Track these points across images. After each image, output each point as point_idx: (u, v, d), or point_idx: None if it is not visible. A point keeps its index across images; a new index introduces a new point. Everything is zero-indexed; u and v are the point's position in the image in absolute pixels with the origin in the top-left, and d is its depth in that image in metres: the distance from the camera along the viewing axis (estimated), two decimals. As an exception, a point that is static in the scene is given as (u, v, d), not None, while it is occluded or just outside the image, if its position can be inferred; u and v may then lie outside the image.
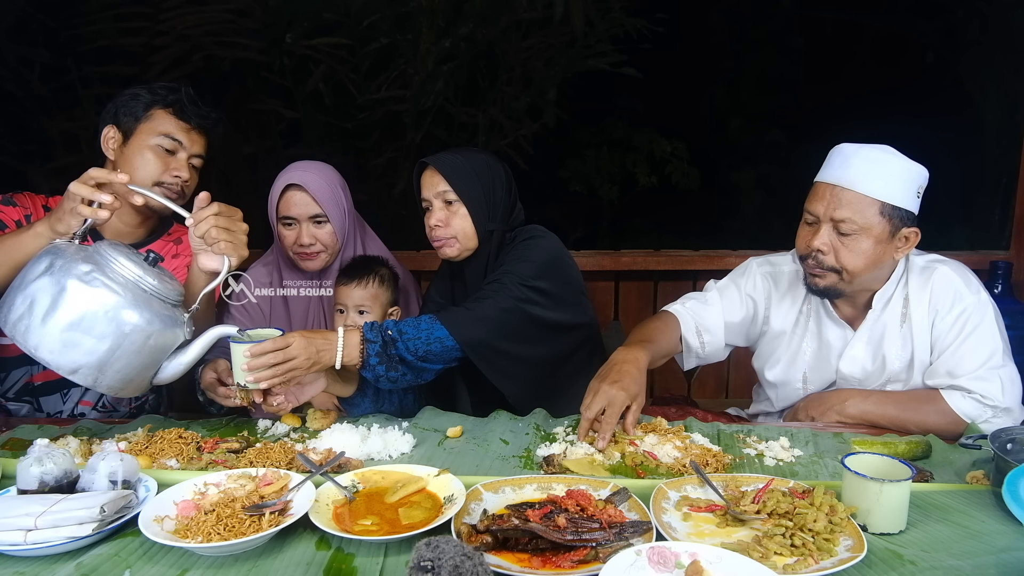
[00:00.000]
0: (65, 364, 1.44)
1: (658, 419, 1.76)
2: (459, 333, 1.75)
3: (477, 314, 1.77)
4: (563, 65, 4.84)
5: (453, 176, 1.93)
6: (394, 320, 1.79)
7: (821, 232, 1.76)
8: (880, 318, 1.86)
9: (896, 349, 1.85)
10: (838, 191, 1.73)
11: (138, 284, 1.49)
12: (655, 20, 4.80)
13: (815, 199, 1.78)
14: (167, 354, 1.56)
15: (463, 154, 1.99)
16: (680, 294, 3.39)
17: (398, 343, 1.71)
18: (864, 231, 1.72)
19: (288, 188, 2.04)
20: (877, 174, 1.71)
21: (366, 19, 4.35)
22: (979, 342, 1.77)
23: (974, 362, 1.76)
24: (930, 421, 1.78)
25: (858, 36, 6.63)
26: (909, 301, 1.84)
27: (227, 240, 1.66)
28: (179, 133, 1.97)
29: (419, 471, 1.42)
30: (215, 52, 4.34)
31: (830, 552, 1.16)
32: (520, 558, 1.15)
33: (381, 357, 1.70)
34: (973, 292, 1.79)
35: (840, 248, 1.75)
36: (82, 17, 4.17)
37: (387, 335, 1.71)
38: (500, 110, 4.85)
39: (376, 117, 4.66)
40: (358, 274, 2.03)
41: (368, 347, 1.70)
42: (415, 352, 1.72)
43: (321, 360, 1.66)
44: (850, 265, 1.75)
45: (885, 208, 1.71)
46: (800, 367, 1.99)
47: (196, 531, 1.19)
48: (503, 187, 2.00)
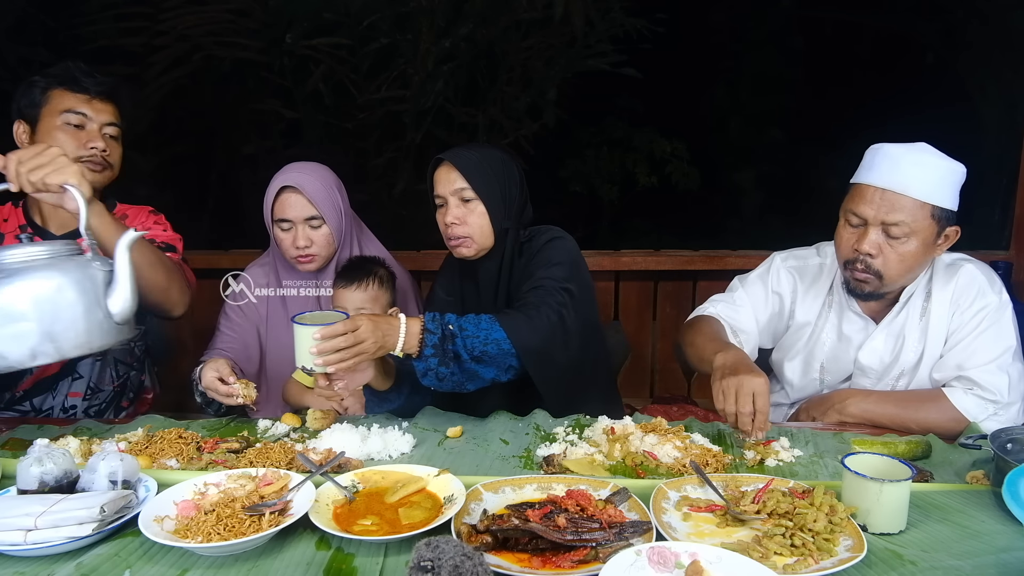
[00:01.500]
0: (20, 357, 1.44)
1: (658, 419, 1.76)
2: (517, 338, 1.69)
3: (535, 323, 1.73)
4: (563, 65, 4.84)
5: (471, 173, 1.87)
6: (456, 315, 1.71)
7: (870, 235, 1.73)
8: (902, 311, 1.87)
9: (912, 342, 1.86)
10: (889, 195, 1.69)
11: (22, 261, 1.47)
12: (655, 20, 4.81)
13: (862, 202, 1.73)
14: (99, 288, 1.50)
15: (479, 150, 1.94)
16: (680, 294, 3.39)
17: (456, 339, 1.66)
18: (914, 234, 1.71)
19: (283, 190, 2.02)
20: (927, 177, 1.69)
21: (366, 19, 4.36)
22: (994, 338, 1.78)
23: (986, 356, 1.78)
24: (931, 419, 1.78)
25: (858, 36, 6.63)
26: (931, 296, 1.85)
27: (50, 172, 1.57)
28: (80, 106, 1.96)
29: (419, 471, 1.42)
30: (215, 52, 4.35)
31: (830, 552, 1.16)
32: (520, 558, 1.15)
33: (437, 350, 1.65)
34: (996, 292, 1.81)
35: (888, 251, 1.73)
36: (82, 17, 4.17)
37: (447, 329, 1.67)
38: (500, 110, 4.85)
39: (376, 117, 4.67)
40: (356, 276, 2.00)
41: (427, 337, 1.65)
42: (471, 351, 1.67)
43: (386, 344, 1.61)
44: (894, 270, 1.74)
45: (935, 211, 1.70)
46: (818, 357, 1.99)
47: (196, 531, 1.19)
48: (517, 184, 1.96)
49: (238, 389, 1.75)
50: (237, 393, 1.75)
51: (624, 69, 4.83)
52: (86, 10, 4.16)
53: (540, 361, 1.73)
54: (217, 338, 2.13)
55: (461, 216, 1.88)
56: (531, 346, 1.70)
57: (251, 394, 1.76)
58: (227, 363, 1.82)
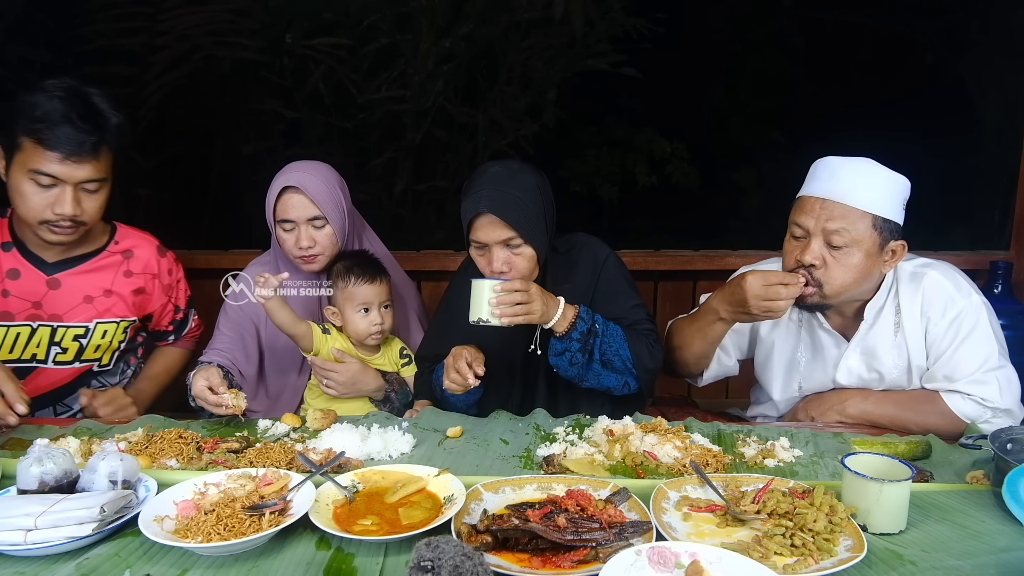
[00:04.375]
0: None
1: (658, 419, 1.76)
2: (639, 361, 1.86)
3: (654, 352, 1.89)
4: (563, 65, 4.84)
5: (519, 221, 1.77)
6: (604, 320, 1.86)
7: (812, 246, 1.73)
8: (872, 329, 1.85)
9: (892, 359, 1.84)
10: (829, 204, 1.70)
11: None
12: (655, 20, 4.81)
13: (803, 213, 1.75)
14: None
15: (519, 186, 1.80)
16: (680, 294, 3.39)
17: (597, 338, 1.82)
18: (856, 243, 1.70)
19: (285, 190, 2.01)
20: (866, 186, 1.70)
21: (366, 19, 4.35)
22: (974, 346, 1.76)
23: (970, 366, 1.76)
24: (930, 421, 1.78)
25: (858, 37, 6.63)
26: (901, 309, 1.82)
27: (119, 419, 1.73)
28: (52, 167, 1.73)
29: (419, 471, 1.42)
30: (215, 52, 4.34)
31: (830, 552, 1.16)
32: (520, 558, 1.15)
33: (582, 337, 1.81)
34: (964, 295, 1.77)
35: (831, 262, 1.72)
36: (82, 17, 4.17)
37: (595, 327, 1.83)
38: (500, 110, 4.85)
39: (376, 117, 4.66)
40: (373, 270, 2.00)
41: (578, 323, 1.80)
42: (603, 353, 1.83)
43: (547, 313, 1.77)
44: (837, 281, 1.73)
45: (876, 221, 1.70)
46: (795, 377, 1.98)
47: (196, 531, 1.19)
48: (552, 204, 1.91)
49: (227, 400, 1.76)
50: (226, 403, 1.76)
51: (624, 69, 4.82)
52: (86, 10, 4.16)
53: (652, 380, 1.94)
54: (217, 338, 2.13)
55: (509, 261, 1.82)
56: (650, 368, 1.89)
57: (240, 404, 1.77)
58: (218, 372, 1.82)
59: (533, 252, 1.82)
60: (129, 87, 4.38)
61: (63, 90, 1.76)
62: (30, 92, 1.76)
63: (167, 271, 2.13)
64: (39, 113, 1.72)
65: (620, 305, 1.94)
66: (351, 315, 1.99)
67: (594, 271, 1.96)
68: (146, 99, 4.39)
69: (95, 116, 1.78)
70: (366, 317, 1.99)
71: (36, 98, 1.74)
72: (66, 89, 1.77)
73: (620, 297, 1.95)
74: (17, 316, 1.92)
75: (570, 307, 1.81)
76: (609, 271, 1.97)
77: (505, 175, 1.82)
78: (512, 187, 1.79)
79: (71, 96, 1.76)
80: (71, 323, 1.97)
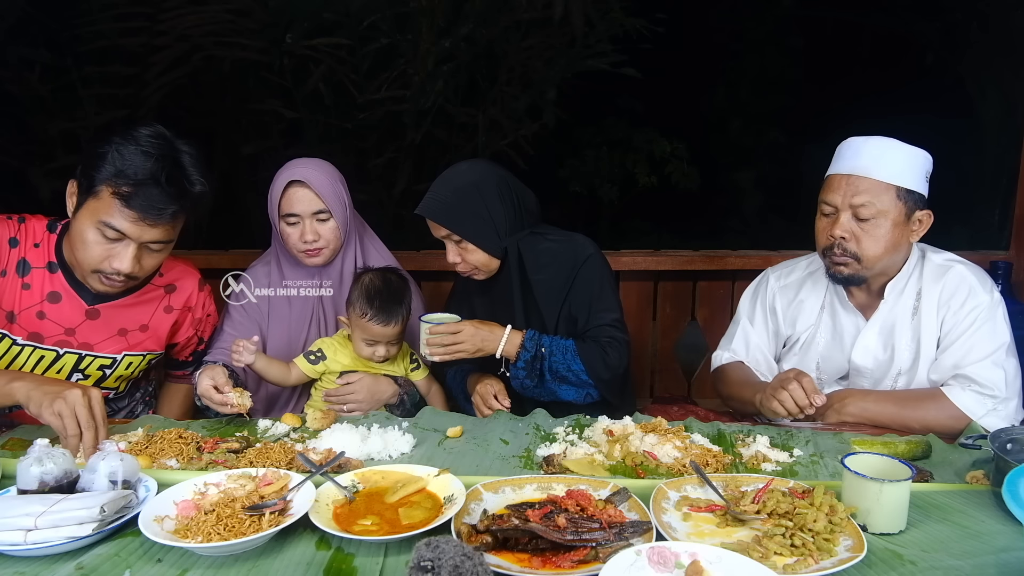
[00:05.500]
0: None
1: (658, 419, 1.76)
2: (593, 371, 1.93)
3: (609, 359, 1.94)
4: (563, 65, 4.84)
5: (450, 220, 1.93)
6: (550, 339, 1.95)
7: (841, 220, 1.81)
8: (893, 309, 1.89)
9: (906, 341, 1.88)
10: (854, 179, 1.79)
11: None
12: (655, 20, 4.80)
13: (831, 190, 1.84)
14: None
15: (452, 186, 1.95)
16: (680, 294, 3.39)
17: (546, 360, 1.93)
18: (882, 215, 1.78)
19: (290, 185, 2.03)
20: (888, 160, 1.78)
21: (366, 19, 4.35)
22: (989, 334, 1.80)
23: (982, 352, 1.79)
24: (930, 417, 1.79)
25: (858, 36, 6.63)
26: (921, 295, 1.87)
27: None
28: (124, 224, 1.66)
29: (419, 471, 1.42)
30: (215, 52, 4.34)
31: (830, 552, 1.16)
32: (520, 558, 1.15)
33: (528, 365, 1.93)
34: (987, 291, 1.83)
35: (861, 234, 1.80)
36: (82, 17, 4.17)
37: (540, 351, 1.93)
38: (500, 110, 4.85)
39: (376, 117, 4.66)
40: (389, 312, 1.94)
41: (522, 352, 1.93)
42: (555, 372, 1.93)
43: (484, 348, 1.93)
44: (871, 251, 1.80)
45: (900, 192, 1.78)
46: (813, 357, 2.01)
47: (196, 531, 1.19)
48: (501, 199, 1.97)
49: (232, 398, 1.76)
50: (231, 402, 1.76)
51: (624, 69, 4.82)
52: (86, 10, 4.16)
53: (611, 387, 1.97)
54: (221, 338, 2.14)
55: (458, 254, 1.99)
56: (604, 378, 1.94)
57: (245, 403, 1.77)
58: (223, 371, 1.83)
59: (478, 247, 1.95)
60: (129, 87, 4.38)
61: (156, 147, 1.67)
62: (122, 138, 1.66)
63: (202, 305, 2.07)
64: (126, 168, 1.63)
65: (591, 308, 2.00)
66: (358, 339, 1.99)
67: (573, 268, 2.00)
68: (146, 99, 4.39)
69: (181, 180, 1.69)
70: (370, 348, 1.99)
71: (126, 149, 1.64)
72: (159, 146, 1.67)
73: (593, 300, 2.00)
74: (47, 339, 1.84)
75: (516, 334, 1.95)
76: (588, 270, 2.00)
77: (444, 179, 1.98)
78: (445, 188, 1.96)
79: (163, 155, 1.66)
80: (100, 353, 1.89)
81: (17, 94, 4.26)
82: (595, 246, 2.06)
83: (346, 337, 2.05)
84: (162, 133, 1.70)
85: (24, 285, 1.82)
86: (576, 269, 2.00)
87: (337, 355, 2.02)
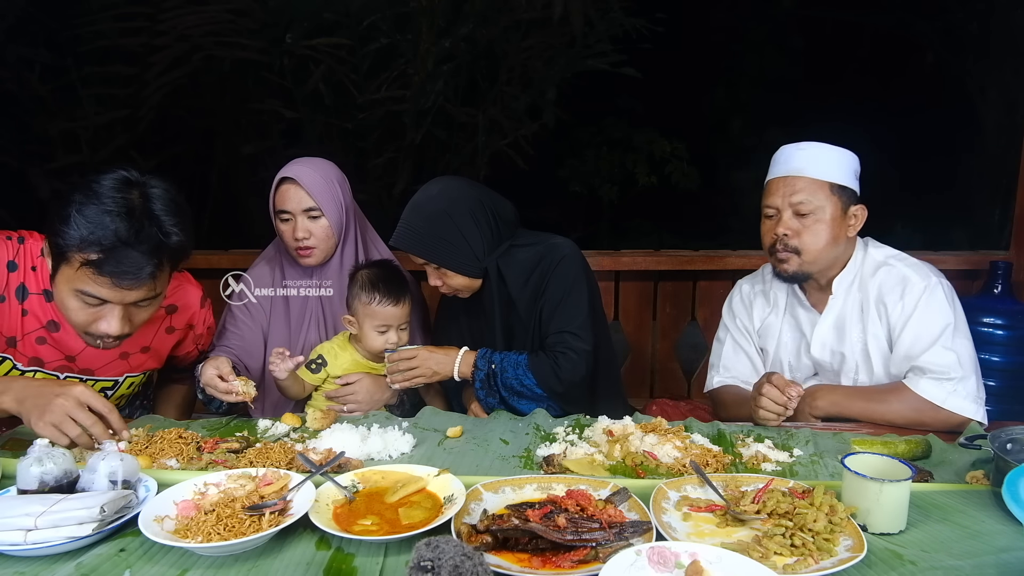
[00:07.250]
0: None
1: (658, 419, 1.76)
2: (545, 384, 1.91)
3: (561, 372, 1.91)
4: (563, 65, 4.84)
5: (424, 251, 1.94)
6: (502, 355, 1.96)
7: (783, 218, 1.92)
8: (844, 303, 1.94)
9: (856, 334, 1.93)
10: (791, 180, 1.91)
11: None
12: (655, 20, 4.80)
13: (771, 194, 1.95)
14: None
15: (424, 214, 1.93)
16: (680, 294, 3.38)
17: (498, 377, 1.93)
18: (820, 210, 1.88)
19: (283, 182, 2.05)
20: (821, 160, 1.90)
21: (366, 19, 4.35)
22: (931, 321, 1.83)
23: (928, 339, 1.82)
24: (894, 409, 1.81)
25: (858, 36, 6.63)
26: (866, 291, 1.93)
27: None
28: (101, 291, 1.55)
29: (419, 471, 1.42)
30: (215, 52, 4.35)
31: (830, 552, 1.16)
32: (520, 558, 1.15)
33: (484, 383, 1.94)
34: (922, 278, 1.87)
35: (802, 230, 1.90)
36: (82, 17, 4.17)
37: (491, 368, 1.94)
38: (500, 110, 4.85)
39: (376, 117, 4.67)
40: (396, 292, 1.97)
41: (476, 372, 1.95)
42: (510, 388, 1.93)
43: (440, 372, 1.97)
44: (812, 244, 1.89)
45: (834, 188, 1.89)
46: (785, 357, 2.04)
47: (196, 531, 1.19)
48: (475, 221, 1.94)
49: (237, 386, 1.75)
50: (236, 390, 1.75)
51: (624, 69, 4.82)
52: (86, 10, 4.16)
53: (567, 398, 1.94)
54: (223, 336, 2.14)
55: (440, 277, 2.00)
56: (557, 391, 1.92)
57: (250, 391, 1.76)
58: (228, 361, 1.83)
59: (456, 272, 1.96)
60: (129, 87, 4.38)
61: (120, 203, 1.51)
62: (84, 196, 1.50)
63: (203, 321, 2.05)
64: (91, 233, 1.48)
65: (555, 313, 1.97)
66: (369, 331, 1.98)
67: (545, 273, 1.98)
68: (146, 99, 4.39)
69: (155, 235, 1.54)
70: (383, 336, 1.99)
71: (88, 210, 1.49)
72: (124, 202, 1.52)
73: (559, 304, 1.97)
74: (47, 364, 1.81)
75: (470, 355, 1.97)
76: (559, 274, 1.97)
77: (415, 206, 1.96)
78: (417, 217, 1.95)
79: (129, 211, 1.51)
80: (101, 377, 1.87)
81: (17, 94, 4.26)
82: (572, 247, 2.02)
83: (346, 340, 2.05)
84: (126, 180, 1.55)
85: (23, 311, 1.75)
86: (548, 273, 1.98)
87: (338, 359, 2.02)
